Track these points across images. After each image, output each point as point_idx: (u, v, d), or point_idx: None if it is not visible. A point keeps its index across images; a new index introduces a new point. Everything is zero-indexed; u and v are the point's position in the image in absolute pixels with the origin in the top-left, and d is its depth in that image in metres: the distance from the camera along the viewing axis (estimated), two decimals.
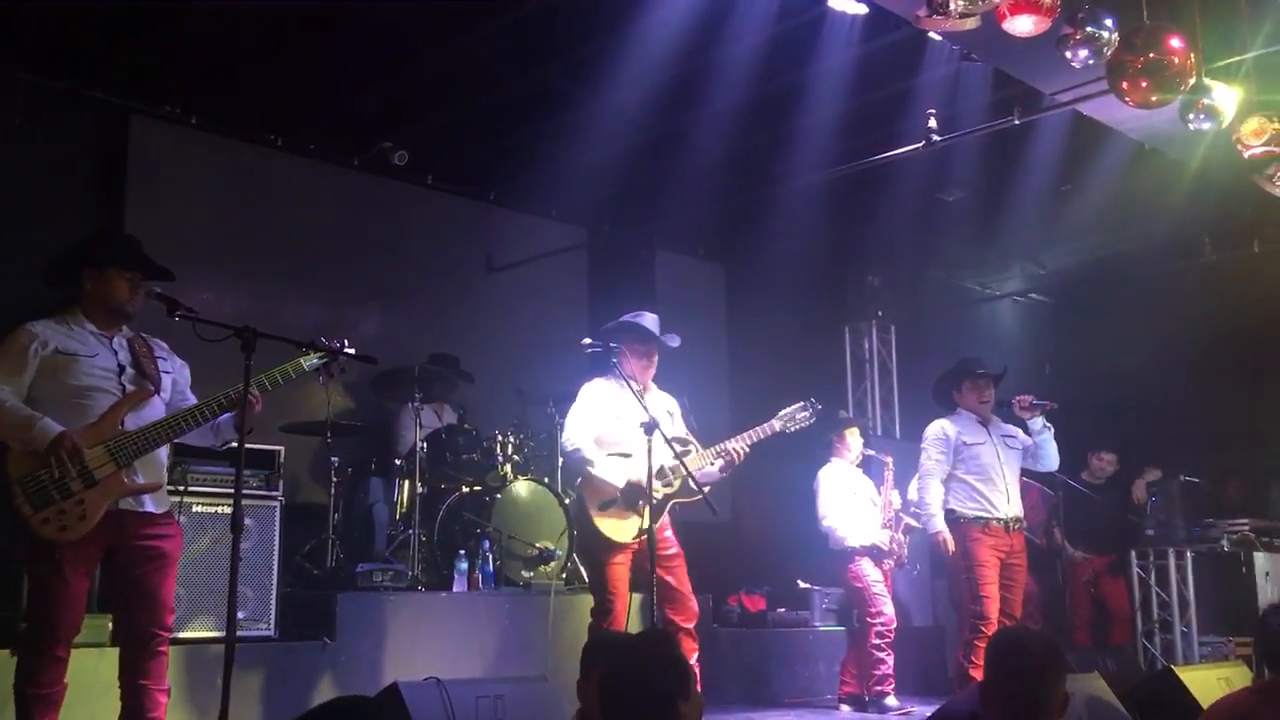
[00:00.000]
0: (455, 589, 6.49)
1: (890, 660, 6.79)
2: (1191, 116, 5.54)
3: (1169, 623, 7.89)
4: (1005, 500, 6.33)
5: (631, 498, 5.27)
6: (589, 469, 5.35)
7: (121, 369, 4.12)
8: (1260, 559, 7.78)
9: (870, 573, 6.88)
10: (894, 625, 6.85)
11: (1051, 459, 6.58)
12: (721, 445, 5.39)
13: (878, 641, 6.79)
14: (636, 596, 5.42)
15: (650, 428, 4.90)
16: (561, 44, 7.08)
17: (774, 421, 5.53)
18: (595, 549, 5.39)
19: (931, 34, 6.02)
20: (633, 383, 5.23)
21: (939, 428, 6.51)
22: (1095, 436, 8.54)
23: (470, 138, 8.34)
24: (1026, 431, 6.53)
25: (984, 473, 6.35)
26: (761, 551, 9.16)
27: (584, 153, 7.97)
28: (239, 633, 3.89)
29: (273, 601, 5.76)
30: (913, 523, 7.00)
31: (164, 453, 4.23)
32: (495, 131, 8.26)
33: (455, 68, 7.35)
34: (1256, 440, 8.55)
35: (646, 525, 5.14)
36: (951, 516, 6.33)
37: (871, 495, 7.10)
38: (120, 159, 7.45)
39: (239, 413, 4.04)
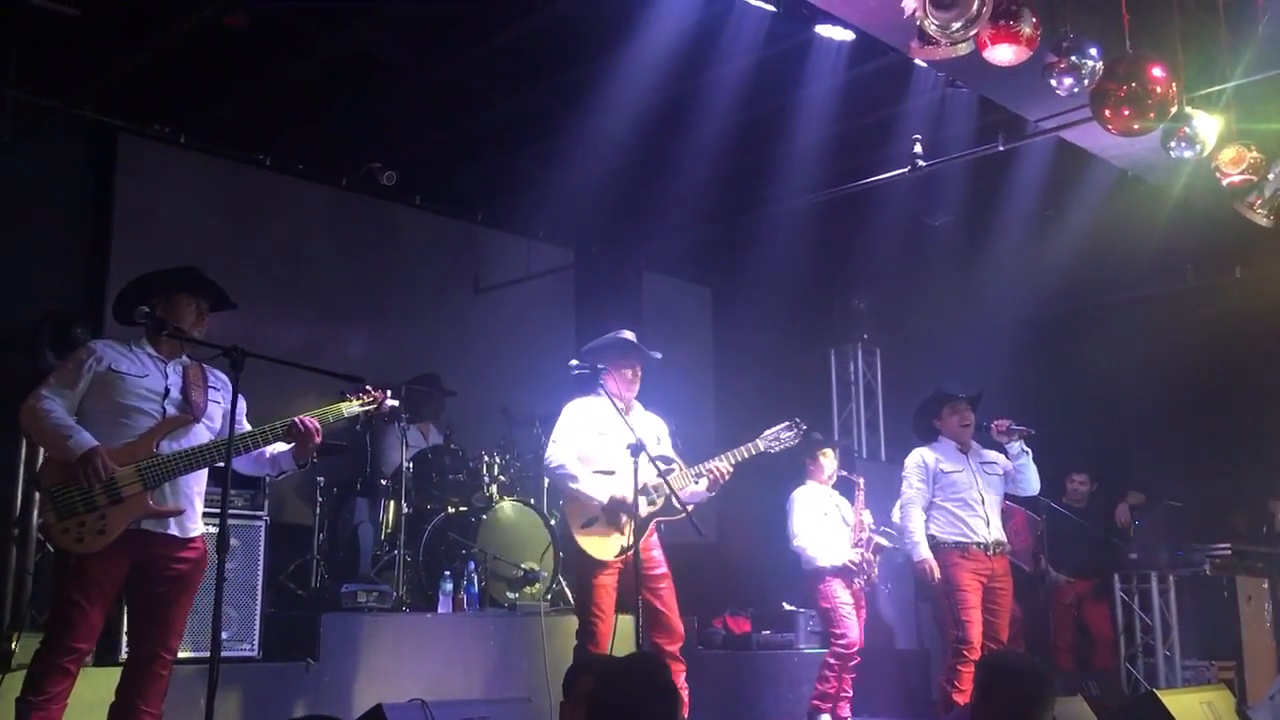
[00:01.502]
0: (440, 610, 6.47)
1: (841, 682, 6.81)
2: (1173, 144, 5.60)
3: (1152, 646, 7.92)
4: (985, 525, 6.36)
5: (614, 514, 5.27)
6: (571, 485, 5.35)
7: (167, 393, 4.19)
8: (1242, 583, 7.82)
9: (840, 594, 6.89)
10: (856, 648, 6.83)
11: (1031, 483, 6.59)
12: (704, 465, 5.41)
13: (832, 661, 6.82)
14: (627, 619, 5.40)
15: (637, 449, 4.91)
16: (550, 67, 7.13)
17: (758, 441, 5.56)
18: (580, 567, 5.39)
19: (918, 61, 6.08)
20: (617, 402, 5.23)
21: (918, 456, 6.57)
22: (1072, 458, 8.58)
23: (458, 159, 8.38)
24: (1007, 456, 6.57)
25: (962, 499, 6.39)
26: (746, 574, 9.15)
27: (571, 175, 8.01)
28: (222, 653, 3.88)
29: (256, 622, 5.72)
30: (884, 542, 7.05)
31: (199, 480, 4.27)
32: (484, 153, 8.30)
33: (444, 89, 7.39)
34: (1238, 464, 8.60)
35: (629, 543, 5.17)
36: (932, 542, 6.39)
37: (846, 515, 7.11)
38: (108, 177, 7.46)
39: (297, 446, 4.25)
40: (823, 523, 7.03)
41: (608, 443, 5.35)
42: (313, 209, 8.40)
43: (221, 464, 4.22)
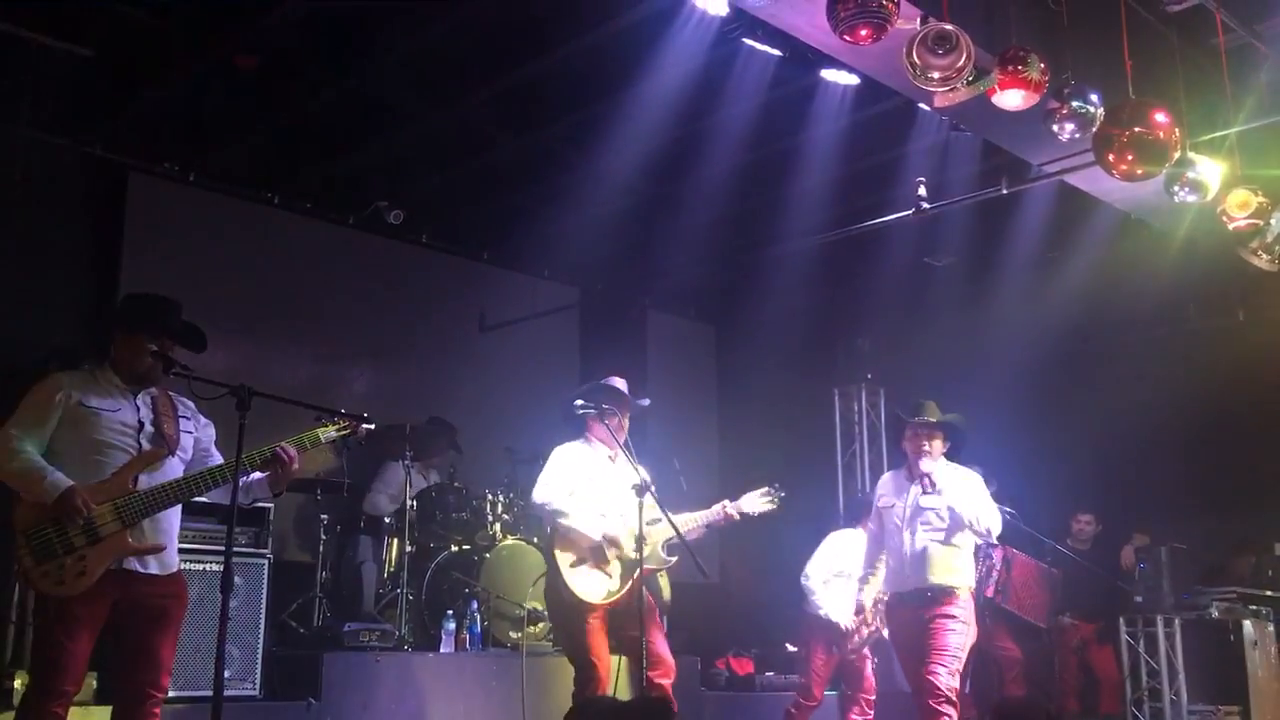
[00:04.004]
0: (442, 649, 6.46)
1: None
2: (1176, 189, 5.63)
3: (1158, 690, 7.85)
4: (904, 571, 5.58)
5: (604, 555, 5.22)
6: (562, 521, 5.24)
7: (141, 426, 4.10)
8: (1248, 627, 7.77)
9: (819, 649, 6.80)
10: (813, 705, 6.79)
11: (981, 520, 5.57)
12: (712, 513, 5.40)
13: (790, 709, 6.83)
14: (624, 660, 5.36)
15: (643, 489, 4.92)
16: (558, 109, 7.21)
17: (742, 502, 5.51)
18: (569, 612, 5.25)
19: (921, 105, 6.14)
20: (600, 446, 5.21)
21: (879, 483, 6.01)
22: (1076, 500, 8.56)
23: (465, 198, 8.44)
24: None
25: (888, 539, 5.71)
26: (749, 615, 9.12)
27: (577, 214, 8.06)
28: (224, 692, 3.85)
29: (258, 661, 5.72)
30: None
31: (177, 515, 4.19)
32: (490, 192, 8.36)
33: (451, 130, 7.45)
34: (1242, 506, 8.57)
35: (618, 588, 5.14)
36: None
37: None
38: (118, 215, 7.51)
39: (271, 474, 4.13)
40: (835, 583, 6.85)
41: (597, 488, 5.30)
42: (320, 247, 8.44)
43: (199, 498, 4.17)
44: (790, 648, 8.14)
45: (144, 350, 4.11)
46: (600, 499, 5.29)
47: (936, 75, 4.70)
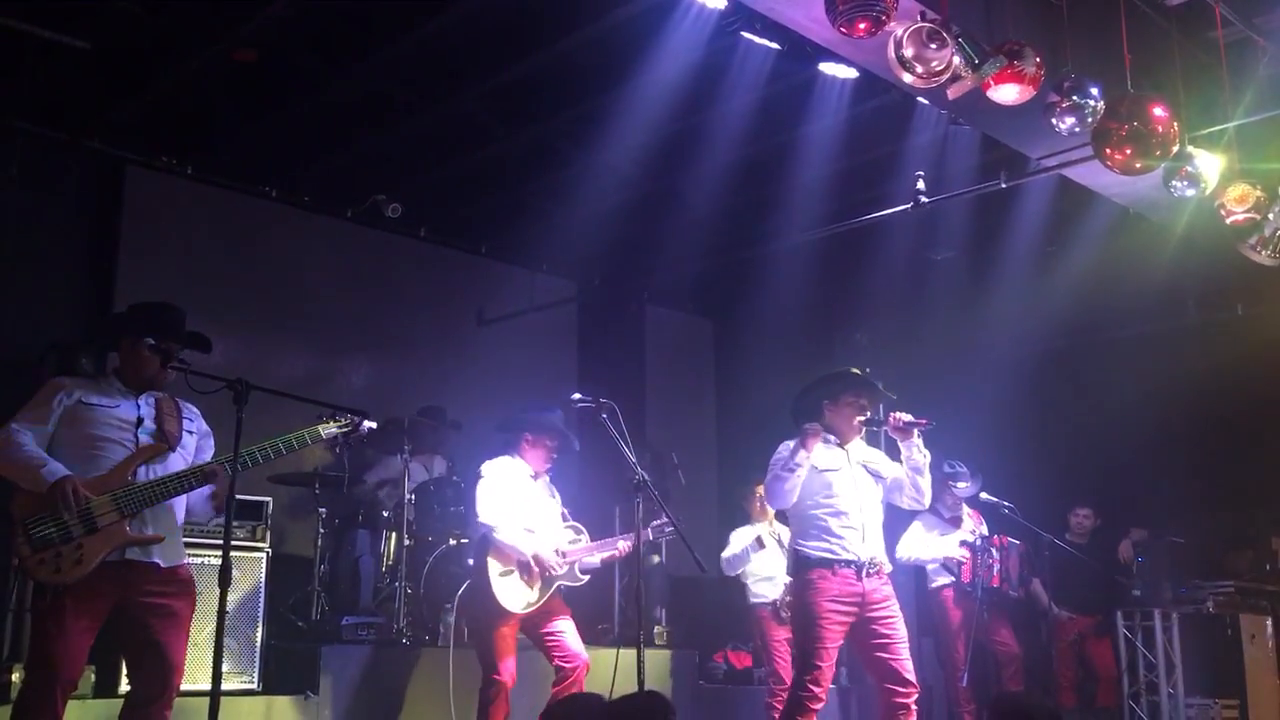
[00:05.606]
0: (441, 643, 6.45)
1: None
2: (1174, 183, 5.63)
3: (1155, 684, 7.86)
4: (860, 538, 5.19)
5: (531, 569, 5.59)
6: (498, 535, 5.59)
7: (140, 422, 4.16)
8: (1245, 621, 7.79)
9: (773, 631, 6.97)
10: (785, 689, 6.81)
11: (926, 495, 5.46)
12: (613, 540, 5.82)
13: (770, 701, 6.91)
14: (630, 653, 5.38)
15: (639, 486, 4.97)
16: (556, 103, 7.19)
17: (648, 531, 5.73)
18: (488, 618, 5.57)
19: (920, 100, 6.13)
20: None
21: (784, 445, 5.44)
22: (1074, 494, 8.57)
23: (463, 192, 8.42)
24: (903, 458, 5.45)
25: (833, 505, 5.23)
26: (748, 608, 9.10)
27: (576, 208, 8.05)
28: (222, 685, 3.85)
29: (257, 654, 5.73)
30: None
31: (179, 509, 4.22)
32: (488, 186, 8.35)
33: (450, 124, 7.43)
34: (1241, 501, 8.57)
35: (537, 599, 5.60)
36: (797, 557, 5.31)
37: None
38: (115, 209, 7.51)
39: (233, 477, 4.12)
40: (756, 562, 7.14)
41: (530, 505, 5.72)
42: (318, 241, 8.44)
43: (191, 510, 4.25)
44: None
45: (148, 354, 4.18)
46: (532, 515, 5.71)
47: (921, 70, 4.71)
